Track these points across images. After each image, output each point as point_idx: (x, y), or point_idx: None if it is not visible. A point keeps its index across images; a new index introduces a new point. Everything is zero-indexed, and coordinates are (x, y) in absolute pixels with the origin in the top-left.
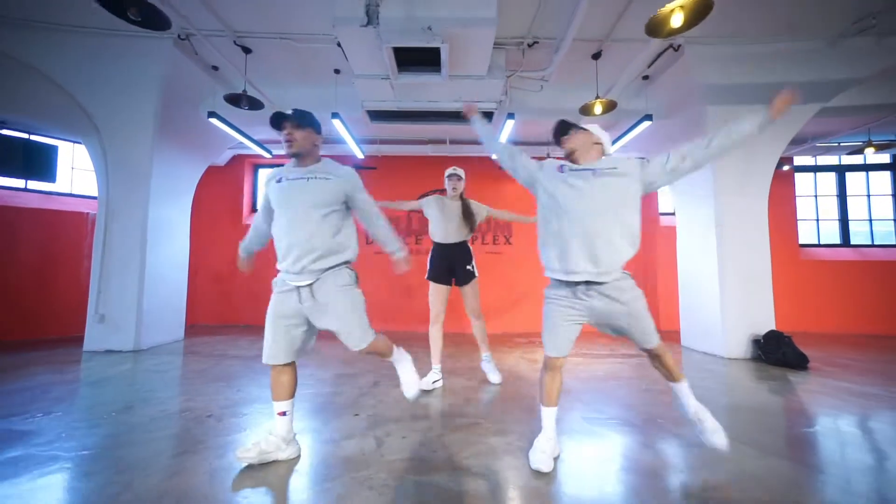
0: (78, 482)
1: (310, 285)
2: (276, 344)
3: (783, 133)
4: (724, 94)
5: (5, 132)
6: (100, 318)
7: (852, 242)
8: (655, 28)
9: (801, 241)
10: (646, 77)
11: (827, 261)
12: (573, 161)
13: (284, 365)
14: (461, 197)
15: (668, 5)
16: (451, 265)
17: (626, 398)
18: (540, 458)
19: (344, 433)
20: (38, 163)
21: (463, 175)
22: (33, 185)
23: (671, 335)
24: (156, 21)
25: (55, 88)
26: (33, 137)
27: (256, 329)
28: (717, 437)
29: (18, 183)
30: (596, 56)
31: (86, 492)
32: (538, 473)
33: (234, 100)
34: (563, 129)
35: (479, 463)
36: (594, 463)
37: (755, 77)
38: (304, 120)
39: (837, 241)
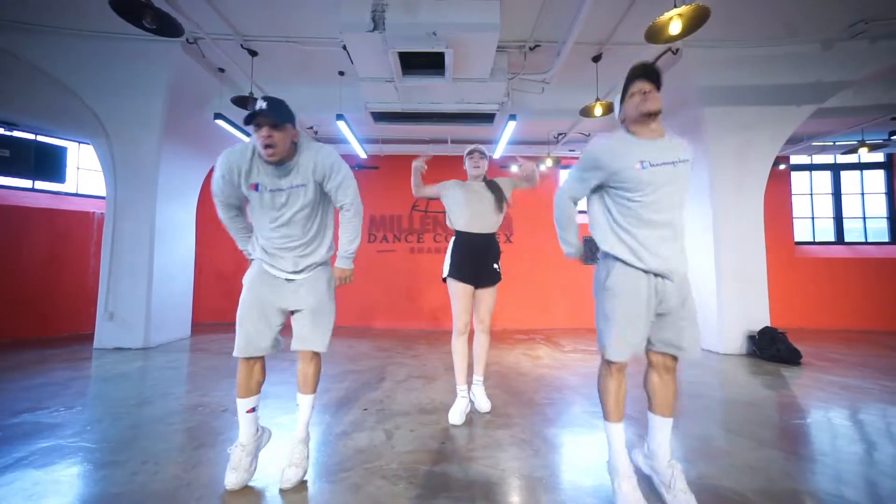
0: (107, 471)
1: (298, 279)
2: (260, 333)
3: (779, 134)
4: (721, 96)
5: (17, 134)
6: (109, 317)
7: (846, 240)
8: (654, 34)
9: (797, 238)
10: None
11: (822, 258)
12: (645, 125)
13: (259, 357)
14: (485, 178)
15: (666, 14)
16: (478, 261)
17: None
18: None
19: (354, 427)
20: (49, 164)
21: (486, 153)
22: (41, 185)
23: None
24: (169, 28)
25: (65, 91)
26: (43, 139)
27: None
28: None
29: (26, 183)
30: (596, 59)
31: (115, 479)
32: (542, 464)
33: (241, 101)
34: (657, 76)
35: (485, 454)
36: (594, 454)
37: (752, 79)
38: (281, 116)
39: (832, 238)
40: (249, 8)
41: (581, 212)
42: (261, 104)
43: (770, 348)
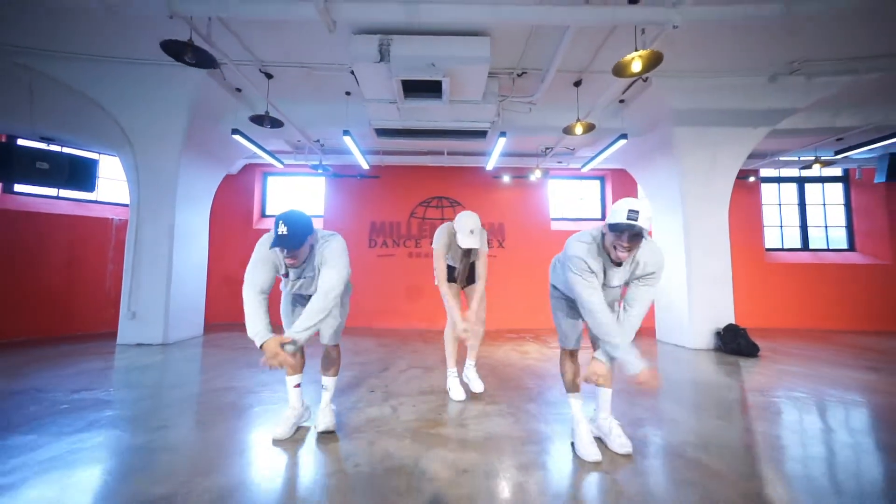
0: (163, 432)
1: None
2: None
3: (740, 151)
4: (690, 117)
5: (54, 148)
6: (132, 315)
7: (811, 247)
8: (620, 70)
9: (768, 245)
10: (622, 101)
11: (789, 263)
12: (616, 258)
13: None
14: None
15: (628, 56)
16: (461, 272)
17: None
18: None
19: (365, 403)
20: (81, 175)
21: (477, 230)
22: (65, 193)
23: (646, 331)
24: (205, 61)
25: (97, 109)
26: (73, 151)
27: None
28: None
29: (51, 191)
30: (577, 84)
31: (172, 437)
32: (522, 428)
33: (258, 119)
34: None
35: (475, 422)
36: (565, 420)
37: (715, 104)
38: (300, 240)
39: (798, 245)
40: (269, 39)
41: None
42: (282, 230)
43: (732, 343)
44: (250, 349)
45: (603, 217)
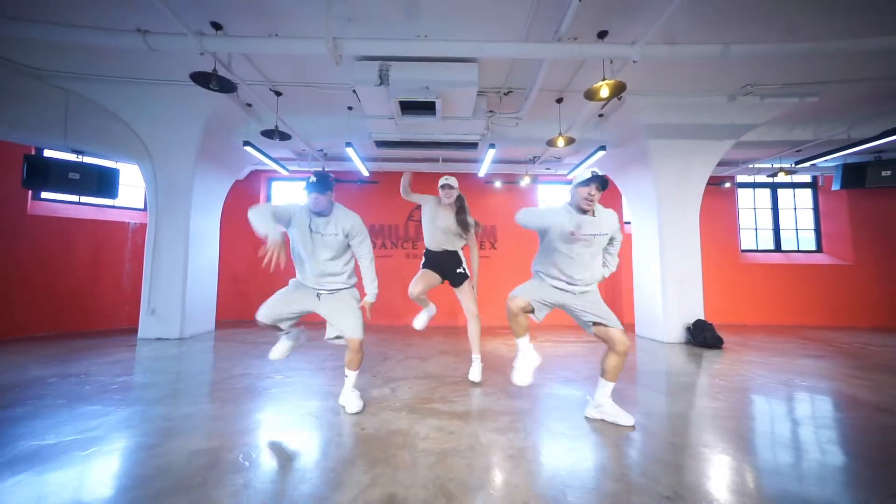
0: (203, 406)
1: (322, 293)
2: (275, 308)
3: (709, 161)
4: (662, 131)
5: (85, 160)
6: (151, 311)
7: (783, 248)
8: (591, 95)
9: (744, 246)
10: (601, 115)
11: (762, 264)
12: (584, 211)
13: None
14: (456, 203)
15: (597, 84)
16: (442, 270)
17: (581, 366)
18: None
19: (368, 385)
20: (106, 184)
21: (456, 185)
22: (85, 199)
23: (628, 327)
24: (227, 87)
25: (120, 123)
26: (99, 162)
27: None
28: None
29: (73, 197)
30: (559, 101)
31: (212, 410)
32: (503, 404)
33: (268, 134)
34: (604, 186)
35: (464, 399)
36: (539, 396)
37: (683, 119)
38: (327, 186)
39: (772, 246)
40: (280, 65)
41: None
42: (312, 179)
43: (699, 336)
44: (260, 343)
45: None
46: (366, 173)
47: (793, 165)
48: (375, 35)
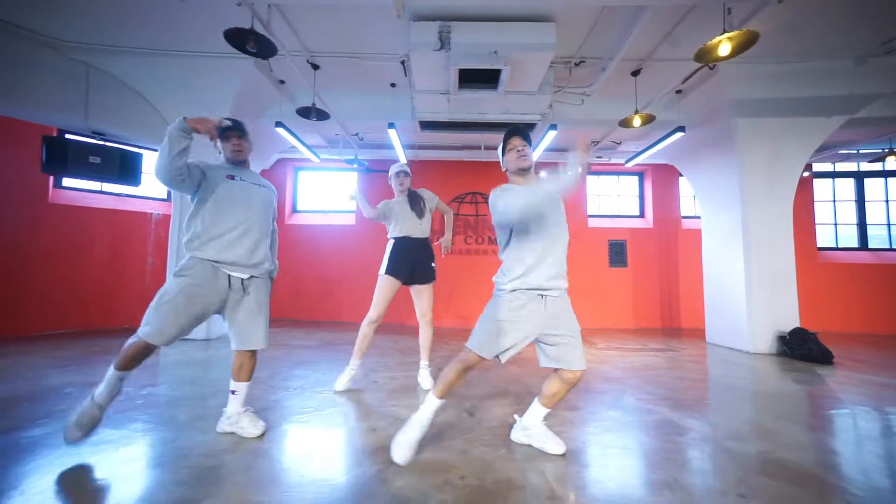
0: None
1: (243, 279)
2: (177, 323)
3: (809, 143)
4: (754, 108)
5: (105, 143)
6: None
7: (870, 246)
8: (703, 56)
9: (820, 244)
10: (679, 91)
11: (845, 263)
12: (524, 175)
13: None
14: (409, 191)
15: (717, 37)
16: (414, 261)
17: (664, 383)
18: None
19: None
20: (129, 169)
21: (409, 172)
22: (106, 187)
23: (695, 333)
24: (267, 49)
25: (143, 102)
26: (121, 146)
27: (303, 323)
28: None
29: (94, 185)
30: (635, 73)
31: (258, 446)
32: (472, 392)
33: (305, 112)
34: (528, 139)
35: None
36: (501, 384)
37: (784, 92)
38: (247, 132)
39: (855, 244)
40: (321, 27)
41: None
42: (229, 123)
43: (801, 348)
44: (293, 347)
45: (641, 214)
46: (404, 160)
47: None
48: None
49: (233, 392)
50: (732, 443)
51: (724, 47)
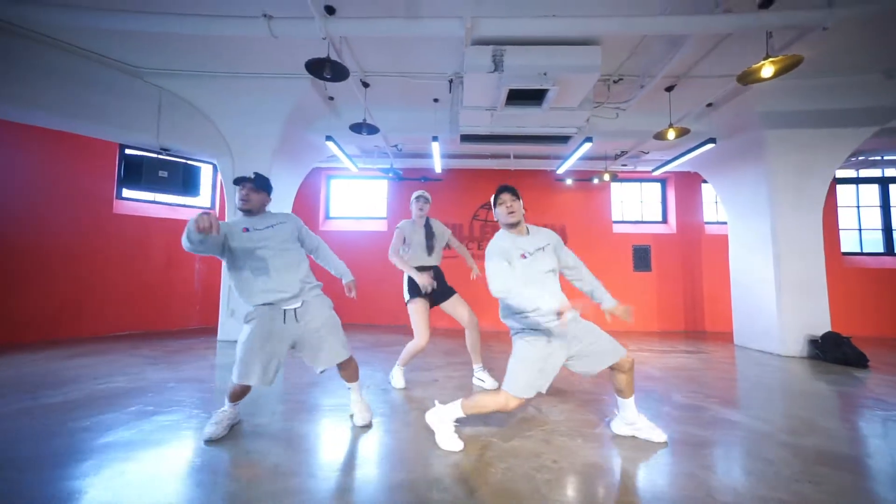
0: (309, 396)
1: (296, 309)
2: (259, 361)
3: (838, 153)
4: (783, 120)
5: (173, 158)
6: (231, 313)
7: None
8: (746, 77)
9: (844, 249)
10: (709, 104)
11: (870, 268)
12: (514, 229)
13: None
14: (427, 220)
15: (762, 62)
16: (435, 284)
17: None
18: None
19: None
20: (191, 181)
21: (430, 198)
22: (160, 197)
23: (720, 336)
24: (339, 74)
25: (203, 119)
26: (183, 160)
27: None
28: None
29: (149, 196)
30: (669, 89)
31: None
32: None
33: (357, 127)
34: (516, 194)
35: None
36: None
37: (812, 104)
38: (261, 185)
39: (881, 249)
40: (378, 51)
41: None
42: (251, 175)
43: (835, 351)
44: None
45: (664, 220)
46: (438, 170)
47: None
48: (507, 13)
49: (348, 388)
50: (788, 437)
51: (766, 70)
